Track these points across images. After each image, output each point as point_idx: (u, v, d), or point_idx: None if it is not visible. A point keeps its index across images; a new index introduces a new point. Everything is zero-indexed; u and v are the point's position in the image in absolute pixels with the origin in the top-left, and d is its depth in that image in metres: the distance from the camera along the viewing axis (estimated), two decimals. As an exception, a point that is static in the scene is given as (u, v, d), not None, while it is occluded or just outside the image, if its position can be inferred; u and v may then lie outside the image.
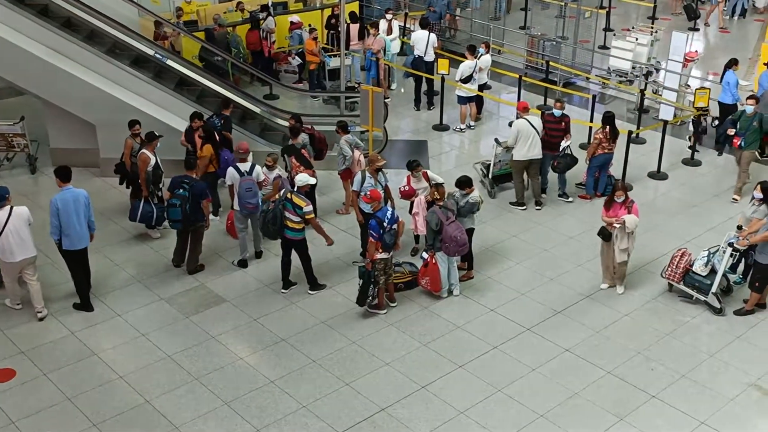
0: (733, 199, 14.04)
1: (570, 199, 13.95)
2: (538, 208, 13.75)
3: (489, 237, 12.80)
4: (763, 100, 14.85)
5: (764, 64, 16.52)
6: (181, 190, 11.38)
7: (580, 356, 10.25)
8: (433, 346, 10.41)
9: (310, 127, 13.50)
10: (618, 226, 10.99)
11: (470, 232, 11.50)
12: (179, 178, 11.55)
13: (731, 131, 13.96)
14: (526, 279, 11.85)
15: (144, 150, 12.34)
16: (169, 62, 15.61)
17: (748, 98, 14.07)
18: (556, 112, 13.62)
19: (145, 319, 10.94)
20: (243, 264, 12.14)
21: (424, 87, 17.98)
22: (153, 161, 12.35)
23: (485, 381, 9.80)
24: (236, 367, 10.02)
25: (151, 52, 15.49)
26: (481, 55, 16.88)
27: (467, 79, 16.35)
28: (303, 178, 11.23)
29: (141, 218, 12.48)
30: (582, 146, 15.51)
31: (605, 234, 11.19)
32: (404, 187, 11.96)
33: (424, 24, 18.21)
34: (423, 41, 17.73)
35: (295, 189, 11.11)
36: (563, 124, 13.74)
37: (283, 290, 11.50)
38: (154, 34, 17.48)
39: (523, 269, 12.12)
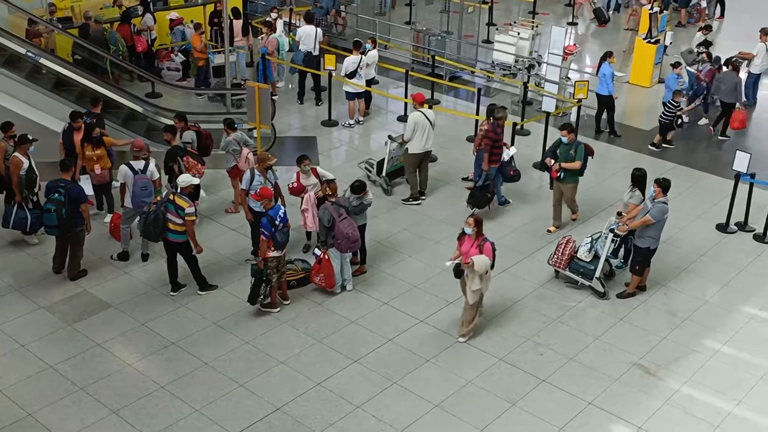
0: (548, 231, 13.03)
1: (511, 202, 13.93)
2: (423, 197, 13.87)
3: (381, 231, 12.84)
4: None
5: (671, 65, 16.89)
6: (57, 195, 10.93)
7: (472, 345, 10.39)
8: (328, 342, 10.35)
9: (195, 124, 13.22)
10: (467, 265, 9.97)
11: (363, 227, 11.50)
12: (54, 183, 11.08)
13: (550, 161, 12.73)
14: (418, 271, 11.94)
15: (16, 153, 11.78)
16: (44, 61, 14.95)
17: (562, 128, 12.60)
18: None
19: (25, 328, 10.43)
20: (124, 257, 11.79)
21: (310, 82, 17.88)
22: (26, 165, 11.80)
23: (381, 374, 9.82)
24: (124, 374, 9.69)
25: (23, 50, 14.79)
26: (368, 50, 16.92)
27: (352, 74, 16.34)
28: (186, 179, 10.96)
29: (14, 224, 11.92)
30: (469, 139, 15.76)
31: (456, 271, 10.25)
32: (293, 183, 11.84)
33: (310, 19, 18.12)
34: (311, 36, 17.65)
35: (179, 190, 10.83)
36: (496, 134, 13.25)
37: (171, 293, 11.20)
38: (26, 32, 16.71)
39: (415, 262, 12.20)
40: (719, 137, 16.79)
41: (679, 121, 16.23)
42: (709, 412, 9.42)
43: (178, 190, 10.82)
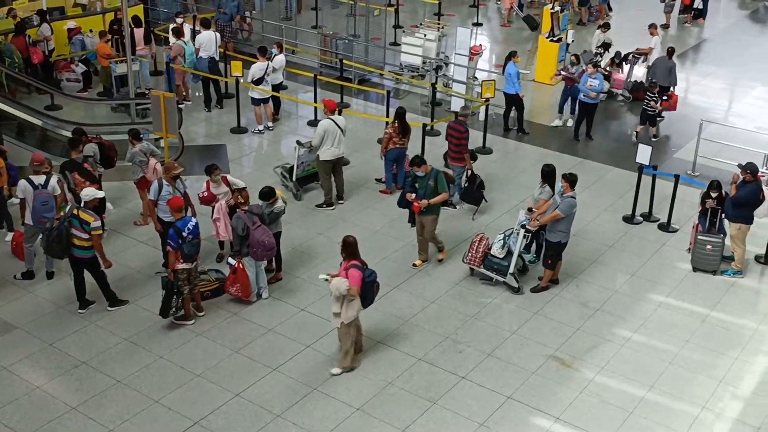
0: (414, 264, 12.18)
1: (458, 207, 13.90)
2: (341, 201, 13.84)
3: (296, 237, 12.73)
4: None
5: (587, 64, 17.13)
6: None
7: (391, 346, 10.40)
8: (246, 352, 10.19)
9: (96, 136, 12.84)
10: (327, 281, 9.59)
11: (278, 235, 11.37)
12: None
13: (410, 196, 11.68)
14: (334, 276, 11.87)
15: None
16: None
17: (413, 163, 11.76)
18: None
19: (-77, 356, 9.93)
20: (29, 276, 11.37)
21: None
22: None
23: (301, 381, 9.72)
24: (32, 397, 9.31)
25: None
26: (274, 55, 16.78)
27: (259, 81, 16.17)
28: (90, 192, 10.63)
29: None
30: (379, 140, 15.78)
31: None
32: (203, 192, 11.62)
33: (207, 24, 17.95)
34: (212, 42, 17.43)
35: (82, 204, 10.48)
36: (461, 133, 13.47)
37: (80, 310, 10.84)
38: None
39: (331, 267, 12.08)
40: (658, 117, 17.02)
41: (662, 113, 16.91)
42: (622, 398, 9.66)
43: (82, 204, 10.48)
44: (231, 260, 11.09)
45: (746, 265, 12.32)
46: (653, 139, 16.51)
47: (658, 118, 16.86)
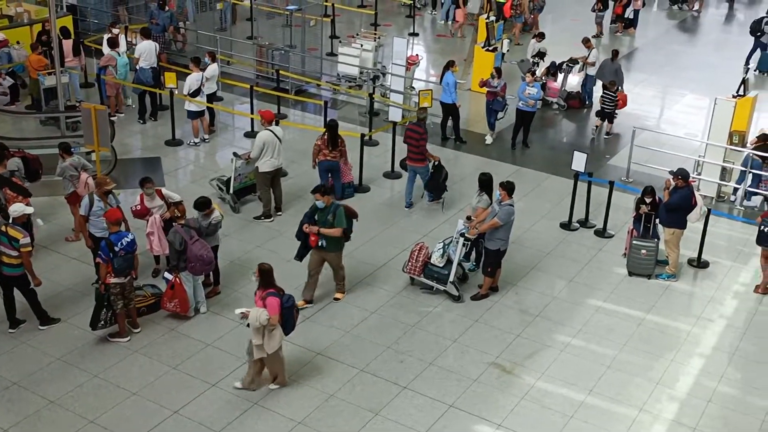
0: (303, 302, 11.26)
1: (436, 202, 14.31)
2: (279, 213, 13.70)
3: (234, 250, 12.55)
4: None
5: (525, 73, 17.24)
6: None
7: (332, 358, 10.31)
8: (184, 368, 9.98)
9: (18, 150, 12.49)
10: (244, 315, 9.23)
11: (215, 248, 11.21)
12: None
13: (307, 227, 10.90)
14: (273, 288, 11.72)
15: None
16: None
17: (315, 191, 11.00)
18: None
19: None
20: None
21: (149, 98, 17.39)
22: None
23: (241, 396, 9.56)
24: (-40, 422, 8.98)
25: None
26: (207, 65, 16.58)
27: (196, 93, 15.95)
28: (18, 208, 10.33)
29: None
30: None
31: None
32: (136, 206, 11.39)
33: (147, 34, 17.65)
34: (152, 52, 17.17)
35: (10, 220, 10.16)
36: (419, 134, 13.83)
37: (10, 330, 10.49)
38: None
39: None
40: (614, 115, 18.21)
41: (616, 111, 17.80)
42: (563, 403, 9.74)
43: (10, 221, 10.15)
44: (167, 275, 10.87)
45: (680, 268, 12.57)
46: (608, 136, 17.60)
47: (614, 116, 17.67)
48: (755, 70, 22.59)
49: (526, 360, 10.47)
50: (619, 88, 18.17)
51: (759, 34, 23.03)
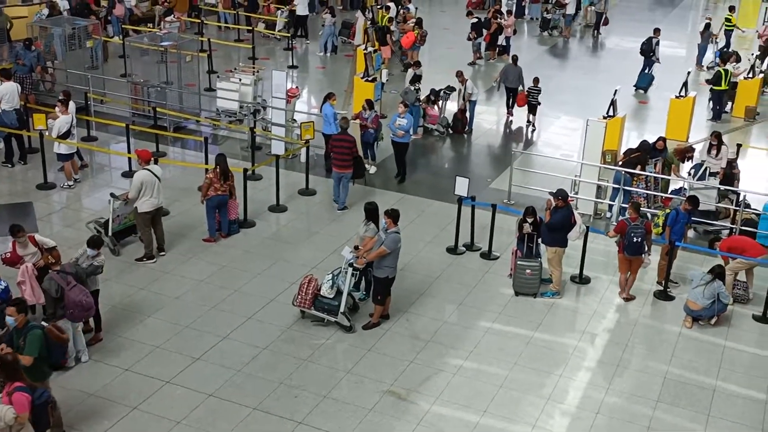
0: None
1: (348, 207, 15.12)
2: (162, 253, 13.33)
3: (116, 294, 12.10)
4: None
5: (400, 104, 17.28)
6: None
7: (224, 398, 10.03)
8: (66, 421, 9.47)
9: None
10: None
11: (95, 293, 10.77)
12: None
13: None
14: (160, 331, 11.35)
15: None
16: None
17: (10, 305, 9.23)
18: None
19: None
20: None
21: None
22: None
23: (128, 447, 9.16)
24: None
25: None
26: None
27: (66, 134, 15.37)
28: None
29: None
30: (199, 188, 15.36)
31: None
32: (6, 253, 10.83)
33: (8, 75, 16.97)
34: (14, 93, 16.50)
35: None
36: (349, 143, 14.96)
37: None
38: None
39: (156, 321, 11.60)
40: (509, 115, 21.18)
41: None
42: (458, 426, 9.79)
43: None
44: (44, 324, 10.32)
45: (563, 285, 12.92)
46: (532, 127, 20.30)
47: (537, 107, 20.34)
48: (634, 87, 23.96)
49: (420, 385, 10.48)
50: (521, 88, 20.63)
51: (651, 54, 24.41)
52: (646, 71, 24.43)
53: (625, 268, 12.59)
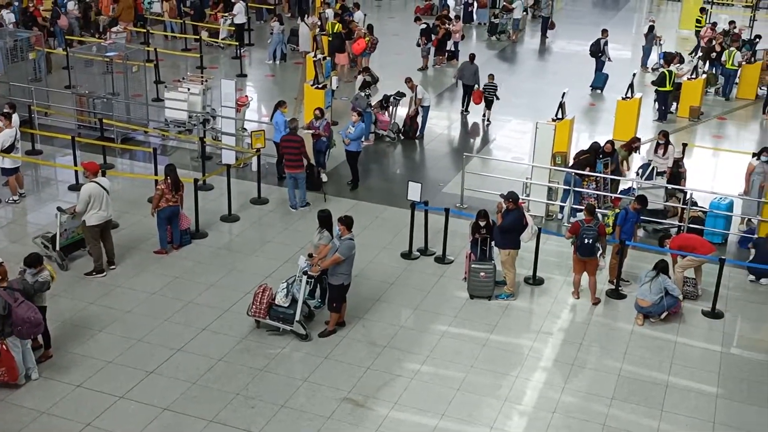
0: None
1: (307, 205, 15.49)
2: (112, 267, 13.10)
3: (65, 309, 11.86)
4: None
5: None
6: None
7: (179, 412, 9.88)
8: (16, 442, 9.28)
9: None
10: None
11: (43, 309, 10.53)
12: None
13: None
14: (111, 345, 11.15)
15: None
16: None
17: None
18: None
19: None
20: None
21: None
22: None
23: (82, 465, 8.97)
24: None
25: None
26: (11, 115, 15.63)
27: (10, 149, 15.03)
28: None
29: None
30: (149, 200, 15.17)
31: None
32: (-49, 271, 10.54)
33: None
34: (-48, 109, 16.08)
35: None
36: (297, 143, 15.21)
37: None
38: None
39: (107, 336, 11.39)
40: (465, 112, 21.95)
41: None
42: (416, 430, 9.78)
43: None
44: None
45: (517, 287, 13.01)
46: (487, 121, 21.23)
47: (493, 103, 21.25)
48: (590, 87, 24.48)
49: (377, 391, 10.45)
50: (477, 86, 21.42)
51: (600, 54, 24.86)
52: (600, 71, 24.91)
53: (579, 269, 12.73)
